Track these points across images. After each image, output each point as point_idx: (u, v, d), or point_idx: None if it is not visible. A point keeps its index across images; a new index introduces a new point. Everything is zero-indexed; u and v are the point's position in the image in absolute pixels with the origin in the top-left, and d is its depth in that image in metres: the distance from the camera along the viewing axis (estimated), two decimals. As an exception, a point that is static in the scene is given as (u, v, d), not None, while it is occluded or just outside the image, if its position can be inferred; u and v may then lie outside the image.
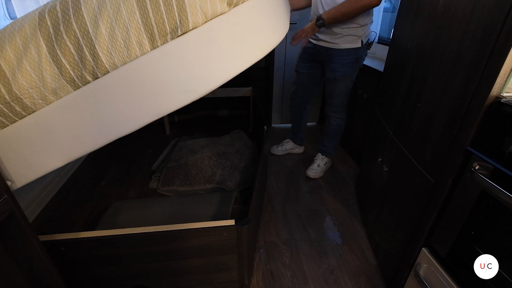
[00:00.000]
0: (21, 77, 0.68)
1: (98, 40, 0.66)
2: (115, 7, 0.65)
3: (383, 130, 1.37)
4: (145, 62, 0.69)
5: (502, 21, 0.67)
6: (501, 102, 0.70)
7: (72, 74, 0.69)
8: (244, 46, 0.76)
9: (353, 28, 1.51)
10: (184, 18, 0.67)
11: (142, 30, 0.67)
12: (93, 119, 0.74)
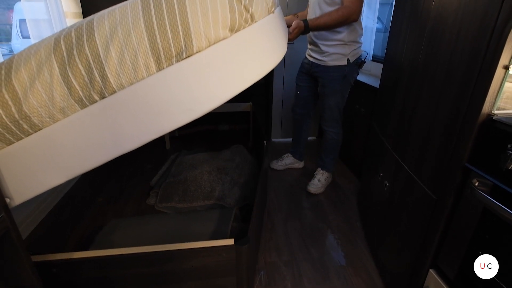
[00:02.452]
0: (32, 97, 0.71)
1: (108, 63, 0.70)
2: (126, 33, 0.70)
3: (381, 145, 1.36)
4: (151, 83, 0.73)
5: (486, 43, 0.70)
6: (493, 119, 0.71)
7: (81, 94, 0.72)
8: (244, 68, 0.80)
9: (339, 46, 1.61)
10: (189, 43, 0.71)
11: (149, 54, 0.71)
12: (97, 137, 0.76)
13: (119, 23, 0.70)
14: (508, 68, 0.67)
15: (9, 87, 0.70)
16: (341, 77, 1.68)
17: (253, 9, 0.77)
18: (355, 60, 1.67)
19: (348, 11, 1.44)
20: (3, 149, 0.74)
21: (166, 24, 0.70)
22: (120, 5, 0.74)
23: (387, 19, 2.22)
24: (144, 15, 0.70)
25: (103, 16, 0.72)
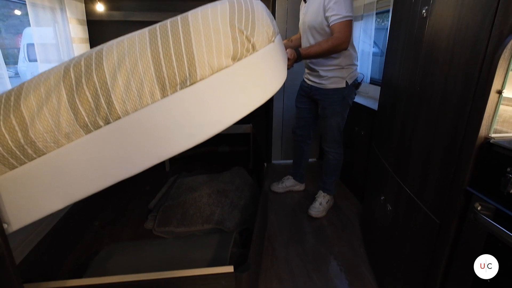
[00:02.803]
0: (39, 122, 0.72)
1: (114, 90, 0.72)
2: (133, 62, 0.73)
3: (382, 167, 1.35)
4: (155, 109, 0.75)
5: (478, 69, 0.71)
6: (491, 143, 0.71)
7: (86, 120, 0.73)
8: (246, 95, 0.83)
9: (336, 70, 1.67)
10: (193, 72, 0.74)
11: (155, 82, 0.73)
12: (99, 161, 0.77)
13: (127, 53, 0.73)
14: (501, 93, 0.68)
15: (17, 113, 0.71)
16: (340, 99, 1.71)
17: (255, 39, 0.80)
18: (353, 82, 1.72)
19: (337, 41, 1.49)
20: (5, 174, 0.74)
21: (171, 54, 0.73)
22: (129, 36, 0.78)
23: (383, 44, 2.29)
24: (151, 46, 0.73)
25: (112, 46, 0.76)
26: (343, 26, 1.47)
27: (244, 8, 0.81)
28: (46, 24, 1.79)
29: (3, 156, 0.72)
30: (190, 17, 0.76)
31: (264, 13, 0.86)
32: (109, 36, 2.46)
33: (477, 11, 0.73)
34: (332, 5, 1.47)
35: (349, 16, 1.47)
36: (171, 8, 2.42)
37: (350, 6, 1.49)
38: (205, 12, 0.77)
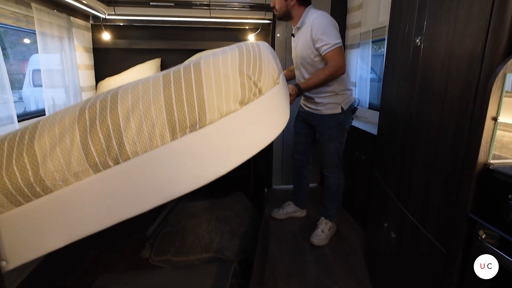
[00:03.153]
0: (50, 161, 0.73)
1: (126, 132, 0.75)
2: (147, 106, 0.76)
3: (384, 193, 1.33)
4: (164, 151, 0.77)
5: (473, 96, 0.73)
6: (490, 169, 0.71)
7: (97, 160, 0.75)
8: (252, 137, 0.86)
9: (331, 96, 1.69)
10: (203, 116, 0.77)
11: (166, 125, 0.76)
12: (105, 201, 0.77)
13: (141, 97, 0.77)
14: (496, 120, 0.68)
15: (30, 151, 0.72)
16: (337, 124, 1.73)
17: (261, 84, 0.84)
18: (349, 107, 1.74)
19: (333, 68, 1.53)
20: (10, 211, 0.74)
21: (183, 100, 0.76)
22: (144, 80, 0.82)
23: (380, 69, 2.34)
24: (165, 91, 0.77)
25: (127, 90, 0.79)
26: (336, 53, 1.52)
27: (252, 54, 0.86)
28: (54, 51, 1.86)
29: (11, 194, 0.72)
30: (203, 63, 0.81)
31: (270, 57, 0.90)
32: (113, 63, 2.55)
33: (468, 41, 0.76)
34: (320, 36, 1.53)
35: (339, 42, 1.53)
36: (173, 37, 2.52)
37: (337, 33, 1.55)
38: (216, 60, 0.82)
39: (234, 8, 2.29)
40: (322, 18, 1.55)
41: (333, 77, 1.57)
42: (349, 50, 2.47)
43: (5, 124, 1.39)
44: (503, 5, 0.66)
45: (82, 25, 2.16)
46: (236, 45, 0.92)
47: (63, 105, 1.95)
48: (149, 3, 2.20)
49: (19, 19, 1.62)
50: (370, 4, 2.18)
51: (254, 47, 0.90)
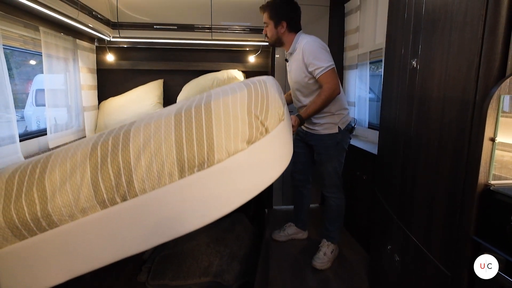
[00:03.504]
0: (59, 197, 0.73)
1: (136, 170, 0.76)
2: (158, 145, 0.77)
3: (386, 214, 1.31)
4: (171, 189, 0.78)
5: (470, 118, 0.73)
6: (491, 190, 0.70)
7: (105, 196, 0.75)
8: (257, 175, 0.88)
9: (328, 117, 1.71)
10: (211, 156, 0.79)
11: (175, 164, 0.77)
12: (109, 238, 0.77)
13: (153, 135, 0.78)
14: (494, 140, 0.68)
15: (40, 186, 0.73)
16: (334, 144, 1.73)
17: (268, 122, 0.87)
18: (346, 127, 1.74)
19: (328, 91, 1.55)
20: (13, 245, 0.73)
21: (193, 139, 0.78)
22: (156, 119, 0.83)
23: (378, 89, 2.37)
24: (176, 130, 0.79)
25: (139, 128, 0.81)
26: (329, 75, 1.55)
27: (260, 94, 0.89)
28: (58, 72, 1.90)
29: (16, 228, 0.72)
30: (213, 104, 0.83)
31: (276, 94, 0.93)
32: (117, 83, 2.60)
33: (462, 64, 0.78)
34: (312, 61, 1.57)
35: (331, 65, 1.56)
36: (176, 58, 2.59)
37: (328, 56, 1.58)
38: (226, 100, 0.84)
39: (235, 31, 2.37)
40: (311, 43, 1.59)
41: (330, 100, 1.59)
42: (348, 71, 2.52)
43: (7, 144, 1.39)
44: (493, 29, 0.68)
45: (87, 47, 2.22)
46: (244, 83, 0.95)
47: (65, 125, 1.97)
48: (153, 26, 2.27)
49: (26, 42, 1.68)
50: (366, 27, 2.25)
51: (261, 85, 0.93)
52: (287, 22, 1.65)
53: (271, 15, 1.65)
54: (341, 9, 2.53)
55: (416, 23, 1.06)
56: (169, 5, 2.28)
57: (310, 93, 1.70)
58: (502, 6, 0.66)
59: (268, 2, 1.67)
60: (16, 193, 0.72)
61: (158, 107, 2.39)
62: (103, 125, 2.34)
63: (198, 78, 2.50)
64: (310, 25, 2.54)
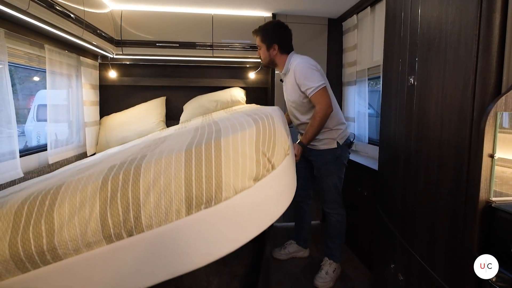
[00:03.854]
0: (66, 231, 0.73)
1: (145, 206, 0.76)
2: (167, 182, 0.79)
3: (389, 232, 1.29)
4: (177, 226, 0.78)
5: (468, 135, 0.73)
6: (493, 207, 0.69)
7: (112, 231, 0.75)
8: (263, 212, 0.89)
9: (326, 132, 1.72)
10: (219, 193, 0.80)
11: (183, 201, 0.78)
12: (112, 273, 0.77)
13: (163, 172, 0.80)
14: (493, 157, 0.68)
15: (48, 219, 0.73)
16: (334, 159, 1.73)
17: (274, 159, 0.88)
18: (345, 142, 1.75)
19: (322, 111, 1.57)
20: (15, 277, 0.72)
21: (203, 177, 0.79)
22: (167, 154, 0.85)
23: (377, 105, 2.39)
24: (186, 167, 0.80)
25: (150, 163, 0.82)
26: (320, 95, 1.58)
27: (268, 130, 0.91)
28: (61, 88, 1.93)
29: (21, 260, 0.71)
30: (223, 141, 0.85)
31: (282, 128, 0.96)
32: (118, 99, 2.62)
33: (458, 82, 0.79)
34: (303, 81, 1.61)
35: (321, 84, 1.58)
36: (177, 75, 2.63)
37: (318, 75, 1.61)
38: (235, 138, 0.87)
39: (236, 48, 2.42)
40: (302, 64, 1.63)
41: (325, 119, 1.61)
42: (347, 87, 2.55)
43: (7, 159, 1.40)
44: (487, 48, 0.69)
45: (90, 64, 2.26)
46: (252, 118, 0.98)
47: (65, 140, 1.98)
48: (155, 44, 2.33)
49: (31, 59, 1.71)
50: (364, 45, 2.29)
51: (269, 120, 0.96)
52: (279, 44, 1.70)
53: (263, 39, 1.71)
54: (339, 27, 2.60)
55: (412, 41, 1.08)
56: (171, 23, 2.35)
57: (307, 111, 1.72)
58: (494, 26, 0.68)
59: (260, 26, 1.74)
60: (24, 225, 0.72)
61: (161, 125, 2.41)
62: (104, 142, 2.34)
63: (201, 97, 2.53)
64: (309, 43, 2.60)
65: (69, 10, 1.54)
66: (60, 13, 1.46)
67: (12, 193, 0.89)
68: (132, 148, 1.28)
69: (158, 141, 1.22)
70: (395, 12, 1.28)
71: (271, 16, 2.46)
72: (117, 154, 1.12)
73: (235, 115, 1.27)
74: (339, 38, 2.61)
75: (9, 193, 0.90)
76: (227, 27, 2.40)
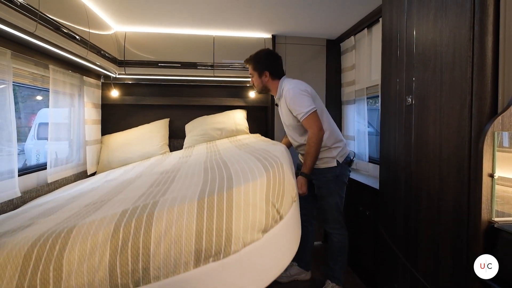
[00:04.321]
0: (74, 279, 0.72)
1: (154, 257, 0.76)
2: (178, 233, 0.79)
3: (392, 253, 1.26)
4: (184, 279, 0.78)
5: (467, 155, 0.74)
6: (496, 228, 0.69)
7: (118, 282, 0.74)
8: (270, 264, 0.89)
9: (325, 151, 1.72)
10: (228, 246, 0.81)
11: (192, 253, 0.78)
12: None
13: (175, 222, 0.80)
14: (493, 176, 0.68)
15: (57, 265, 0.72)
16: (334, 178, 1.72)
17: (282, 209, 0.90)
18: (344, 160, 1.75)
19: (313, 137, 1.58)
20: None
21: (213, 229, 0.81)
22: (180, 202, 0.86)
23: (376, 123, 2.40)
24: (198, 219, 0.81)
25: (163, 211, 0.82)
26: (310, 120, 1.60)
27: (278, 179, 0.94)
28: (63, 107, 1.95)
29: None
30: (235, 192, 0.87)
31: (291, 175, 0.97)
32: (120, 118, 2.64)
33: (455, 102, 0.80)
34: (293, 107, 1.64)
35: (311, 109, 1.60)
36: (178, 94, 2.67)
37: (307, 100, 1.63)
38: (247, 188, 0.88)
39: (236, 68, 2.47)
40: (292, 90, 1.66)
41: (319, 143, 1.61)
42: (346, 105, 2.58)
43: (5, 179, 1.39)
44: (481, 69, 0.71)
45: (93, 83, 2.30)
46: (263, 164, 1.01)
47: (65, 159, 1.98)
48: (157, 64, 2.38)
49: (35, 79, 1.74)
50: (362, 65, 2.34)
51: (279, 168, 0.98)
52: (270, 71, 1.75)
53: (254, 67, 1.77)
54: (337, 48, 2.66)
55: (408, 62, 1.11)
56: (174, 44, 2.41)
57: (303, 133, 1.74)
58: (487, 48, 0.70)
59: (251, 55, 1.79)
60: (32, 270, 0.70)
61: (164, 148, 2.42)
62: (106, 161, 2.35)
63: (204, 121, 2.54)
64: (309, 63, 2.66)
65: (75, 32, 1.59)
66: (66, 35, 1.50)
67: (20, 228, 0.87)
68: (141, 182, 1.27)
69: (167, 178, 1.22)
70: (391, 34, 1.31)
71: (270, 37, 2.54)
72: (128, 191, 1.11)
73: (243, 155, 1.28)
74: (338, 58, 2.67)
75: (16, 227, 0.88)
76: (228, 48, 2.47)
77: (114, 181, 1.49)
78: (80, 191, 1.43)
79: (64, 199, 1.26)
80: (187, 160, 1.72)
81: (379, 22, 2.00)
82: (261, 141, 1.89)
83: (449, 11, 0.82)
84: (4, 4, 1.09)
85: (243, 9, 2.00)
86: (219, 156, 1.53)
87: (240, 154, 1.32)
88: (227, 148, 1.81)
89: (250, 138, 2.13)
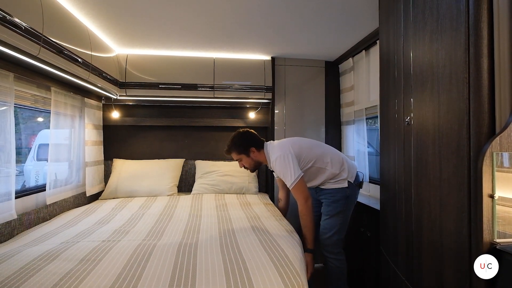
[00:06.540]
0: None
1: None
2: None
3: (394, 275, 1.21)
4: None
5: (467, 176, 0.73)
6: (498, 249, 0.67)
7: None
8: None
9: (336, 177, 1.71)
10: None
11: None
12: None
13: None
14: (493, 197, 0.67)
15: None
16: (343, 198, 1.70)
17: None
18: (355, 180, 1.73)
19: (304, 209, 1.58)
20: None
21: None
22: None
23: (376, 143, 2.40)
24: None
25: None
26: (296, 189, 1.60)
27: None
28: (64, 128, 1.96)
29: None
30: None
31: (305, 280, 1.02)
32: (120, 139, 2.65)
33: (453, 122, 0.80)
34: (283, 177, 1.65)
35: (296, 178, 1.59)
36: (179, 115, 2.69)
37: (293, 168, 1.61)
38: None
39: (236, 89, 2.50)
40: (277, 161, 1.66)
41: (308, 213, 1.60)
42: (345, 126, 2.60)
43: (2, 201, 1.37)
44: (477, 90, 0.71)
45: (94, 105, 2.33)
46: (278, 273, 1.02)
47: (64, 180, 1.96)
48: (158, 86, 2.42)
49: (37, 101, 1.77)
50: (360, 86, 2.37)
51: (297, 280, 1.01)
52: (253, 146, 1.77)
53: (238, 151, 1.78)
54: (336, 69, 2.72)
55: (406, 83, 1.12)
56: (174, 66, 2.46)
57: (313, 177, 1.74)
58: (483, 70, 0.70)
59: (228, 145, 1.79)
60: None
61: (173, 190, 2.44)
62: (113, 187, 2.36)
63: (216, 169, 2.55)
64: (308, 84, 2.70)
65: (77, 54, 1.63)
66: (68, 58, 1.53)
67: None
68: None
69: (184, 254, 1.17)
70: (388, 56, 1.34)
71: (270, 59, 2.59)
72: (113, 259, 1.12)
73: (257, 246, 1.26)
74: (336, 80, 2.72)
75: None
76: (228, 69, 2.51)
77: (103, 233, 1.46)
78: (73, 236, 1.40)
79: None
80: (199, 223, 1.68)
81: (377, 44, 2.05)
82: (271, 216, 1.81)
83: (444, 34, 0.84)
84: (9, 29, 1.12)
85: (243, 32, 2.06)
86: (232, 231, 1.50)
87: (254, 244, 1.30)
88: (239, 218, 1.76)
89: (260, 206, 2.07)
